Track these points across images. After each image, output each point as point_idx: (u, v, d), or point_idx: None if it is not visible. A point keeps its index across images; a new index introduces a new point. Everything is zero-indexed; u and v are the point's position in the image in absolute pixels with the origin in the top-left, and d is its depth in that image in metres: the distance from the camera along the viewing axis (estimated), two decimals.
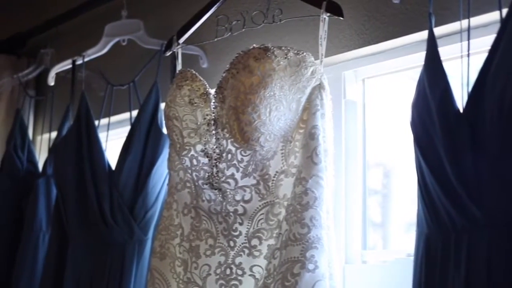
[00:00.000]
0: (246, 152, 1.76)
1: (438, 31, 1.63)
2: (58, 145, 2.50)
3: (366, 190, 1.98)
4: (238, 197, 1.79)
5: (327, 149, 1.72)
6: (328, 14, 1.76)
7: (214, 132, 1.82)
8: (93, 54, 2.56)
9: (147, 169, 2.24)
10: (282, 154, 1.75)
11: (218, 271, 1.81)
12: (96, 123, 2.45)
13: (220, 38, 1.99)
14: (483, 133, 1.40)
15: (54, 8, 3.02)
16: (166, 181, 2.26)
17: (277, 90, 1.69)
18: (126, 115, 2.60)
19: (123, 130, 2.69)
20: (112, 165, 2.37)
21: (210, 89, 1.88)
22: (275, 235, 1.75)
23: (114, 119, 2.62)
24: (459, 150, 1.42)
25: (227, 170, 1.79)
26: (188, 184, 1.90)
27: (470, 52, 1.57)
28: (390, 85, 2.06)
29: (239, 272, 1.78)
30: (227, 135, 1.78)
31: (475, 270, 1.40)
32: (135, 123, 2.30)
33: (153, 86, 2.32)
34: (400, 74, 2.02)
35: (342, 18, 1.76)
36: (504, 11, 1.48)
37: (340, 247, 1.90)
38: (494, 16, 1.63)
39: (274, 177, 1.75)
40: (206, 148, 1.83)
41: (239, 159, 1.77)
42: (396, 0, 1.82)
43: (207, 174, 1.83)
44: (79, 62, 2.56)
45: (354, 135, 1.99)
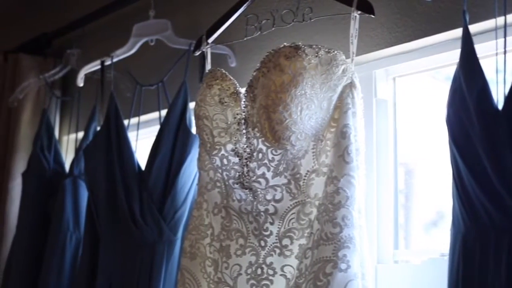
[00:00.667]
0: (277, 151, 1.75)
1: (471, 29, 1.60)
2: (88, 146, 2.51)
3: (398, 190, 1.97)
4: (269, 196, 1.78)
5: (359, 148, 1.71)
6: (359, 12, 1.75)
7: (245, 131, 1.81)
8: (121, 54, 2.56)
9: (176, 169, 2.24)
10: (313, 153, 1.74)
11: (249, 271, 1.80)
12: (125, 123, 2.45)
13: (249, 38, 1.98)
14: None
15: (79, 8, 3.03)
16: (195, 180, 2.26)
17: (308, 88, 1.68)
18: (155, 115, 2.61)
19: (152, 129, 2.70)
20: (141, 165, 2.37)
21: (240, 88, 1.87)
22: (306, 234, 1.74)
23: (143, 118, 2.62)
24: (499, 148, 1.40)
25: (258, 169, 1.79)
26: (218, 184, 1.89)
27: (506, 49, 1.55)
28: (421, 83, 2.04)
29: (270, 272, 1.78)
30: (258, 134, 1.77)
31: None
32: (164, 123, 2.30)
33: (181, 85, 2.32)
34: (431, 73, 2.00)
35: (373, 16, 1.75)
36: None
37: (372, 246, 1.88)
38: None
39: (305, 176, 1.75)
40: (236, 148, 1.83)
41: (270, 158, 1.76)
42: None
43: (237, 174, 1.83)
44: (108, 62, 2.55)
45: (385, 134, 1.98)
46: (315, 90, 1.69)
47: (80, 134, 2.89)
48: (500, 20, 1.57)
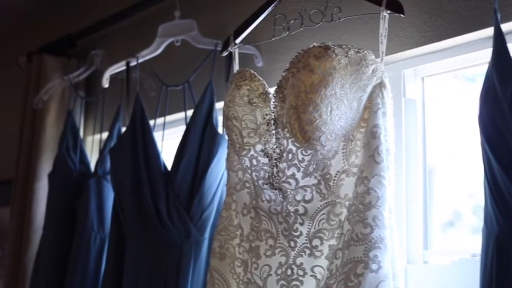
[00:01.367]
0: (307, 152, 1.75)
1: (502, 28, 1.59)
2: (114, 146, 2.51)
3: (427, 190, 1.96)
4: (299, 197, 1.78)
5: (389, 148, 1.70)
6: (389, 12, 1.75)
7: (274, 131, 1.81)
8: (147, 55, 2.55)
9: (203, 169, 2.24)
10: (343, 153, 1.73)
11: (279, 272, 1.80)
12: (151, 123, 2.45)
13: (277, 38, 1.98)
14: None
15: (104, 9, 3.04)
16: (222, 180, 2.26)
17: (338, 88, 1.67)
18: (180, 115, 2.61)
19: (178, 130, 2.70)
20: (167, 165, 2.37)
21: (269, 88, 1.87)
22: (337, 235, 1.74)
23: (168, 118, 2.62)
24: None
25: (288, 170, 1.78)
26: (247, 185, 1.90)
27: None
28: (450, 83, 2.03)
29: (300, 272, 1.77)
30: (288, 134, 1.77)
31: None
32: (190, 123, 2.29)
33: (207, 85, 2.31)
34: (454, 73, 1.99)
35: (403, 16, 1.74)
36: None
37: (401, 247, 1.88)
38: None
39: (335, 176, 1.74)
40: (266, 148, 1.83)
41: (300, 159, 1.76)
42: None
43: (267, 174, 1.83)
44: (133, 63, 2.56)
45: (414, 134, 1.97)
46: (345, 90, 1.68)
47: (105, 135, 2.90)
48: None
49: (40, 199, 3.07)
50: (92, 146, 3.09)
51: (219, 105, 2.33)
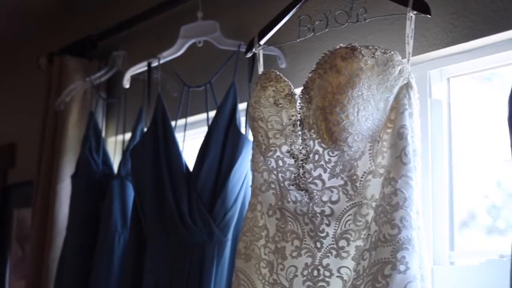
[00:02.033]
0: (333, 153, 1.75)
1: None
2: (135, 147, 2.51)
3: (453, 191, 1.95)
4: (325, 198, 1.78)
5: (416, 149, 1.70)
6: (415, 12, 1.74)
7: (300, 132, 1.81)
8: (168, 56, 2.55)
9: (226, 170, 2.24)
10: (370, 154, 1.73)
11: (305, 273, 1.81)
12: (172, 124, 2.45)
13: (302, 39, 1.98)
14: None
15: (125, 10, 3.05)
16: (245, 182, 2.26)
17: (365, 89, 1.67)
18: (202, 116, 2.61)
19: (199, 131, 2.70)
20: (189, 166, 2.37)
21: (295, 89, 1.87)
22: (363, 236, 1.74)
23: (190, 120, 2.62)
24: None
25: (314, 171, 1.78)
26: (272, 186, 1.90)
27: None
28: (475, 84, 2.03)
29: (327, 273, 1.78)
30: (314, 135, 1.77)
31: None
32: (213, 124, 2.29)
33: (230, 86, 2.31)
34: (487, 73, 1.99)
35: (429, 16, 1.74)
36: None
37: (428, 248, 1.87)
38: None
39: (362, 177, 1.74)
40: (292, 149, 1.83)
41: (327, 160, 1.76)
42: None
43: (293, 175, 1.83)
44: (155, 64, 2.56)
45: (440, 134, 1.96)
46: (371, 91, 1.68)
47: (127, 136, 2.90)
48: None
49: (62, 200, 3.08)
50: (115, 147, 3.09)
51: (241, 106, 2.34)
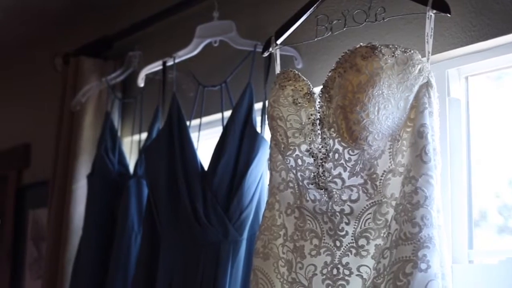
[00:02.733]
0: (354, 152, 1.76)
1: None
2: (150, 146, 2.51)
3: (471, 189, 1.95)
4: (345, 196, 1.79)
5: (436, 147, 1.70)
6: (435, 11, 1.74)
7: (320, 131, 1.81)
8: (184, 55, 2.56)
9: (243, 169, 2.24)
10: (389, 153, 1.74)
11: (325, 271, 1.81)
12: (187, 123, 2.46)
13: (320, 38, 1.98)
14: None
15: (141, 11, 3.05)
16: (261, 181, 2.26)
17: (385, 88, 1.68)
18: (216, 116, 2.61)
19: (214, 131, 2.70)
20: (204, 165, 2.38)
21: (313, 88, 1.87)
22: (383, 234, 1.74)
23: (205, 120, 2.63)
24: None
25: (334, 169, 1.79)
26: (291, 184, 1.90)
27: None
28: (494, 83, 2.03)
29: (346, 272, 1.78)
30: (334, 134, 1.77)
31: None
32: (229, 123, 2.29)
33: (247, 86, 2.31)
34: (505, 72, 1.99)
35: (449, 15, 1.74)
36: None
37: (448, 246, 1.87)
38: None
39: (382, 176, 1.75)
40: (311, 148, 1.83)
41: (347, 159, 1.77)
42: None
43: (312, 174, 1.83)
44: (170, 63, 2.57)
45: (459, 133, 1.96)
46: (392, 90, 1.68)
47: (143, 136, 2.90)
48: None
49: (78, 200, 3.09)
50: (131, 147, 3.10)
51: (257, 106, 2.34)
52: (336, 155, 1.78)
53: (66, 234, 3.09)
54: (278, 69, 2.06)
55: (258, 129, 2.29)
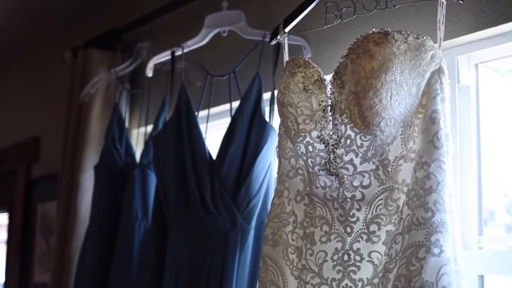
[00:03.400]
0: (366, 137, 1.76)
1: None
2: (158, 135, 2.51)
3: (481, 176, 1.95)
4: (356, 182, 1.79)
5: (448, 133, 1.71)
6: None
7: (331, 118, 1.81)
8: (192, 45, 2.56)
9: (251, 158, 2.24)
10: (401, 139, 1.74)
11: (335, 257, 1.81)
12: (195, 113, 2.46)
13: (329, 26, 1.98)
14: None
15: (150, 2, 3.05)
16: (269, 170, 2.26)
17: (397, 74, 1.68)
18: (225, 107, 2.62)
19: (222, 122, 2.71)
20: (212, 155, 2.38)
21: (324, 75, 1.87)
22: (394, 220, 1.74)
23: (213, 111, 2.63)
24: None
25: (346, 155, 1.79)
26: (300, 172, 1.91)
27: None
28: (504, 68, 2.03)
29: (357, 258, 1.78)
30: (346, 120, 1.77)
31: None
32: (238, 112, 2.30)
33: (255, 76, 2.31)
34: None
35: (461, 2, 1.74)
36: None
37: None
38: None
39: (394, 162, 1.75)
40: (322, 134, 1.83)
41: (359, 144, 1.77)
42: None
43: (323, 160, 1.83)
44: (178, 53, 2.57)
45: (468, 120, 1.96)
46: (404, 76, 1.68)
47: (149, 128, 2.91)
48: None
49: (84, 191, 3.11)
50: (137, 140, 3.11)
51: (265, 96, 2.34)
52: (348, 141, 1.78)
53: (72, 224, 3.10)
54: (286, 58, 2.05)
55: (267, 118, 2.29)
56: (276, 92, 1.96)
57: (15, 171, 4.34)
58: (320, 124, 1.84)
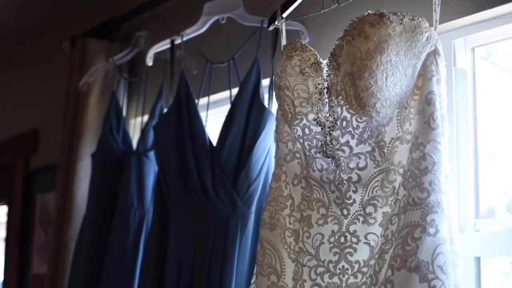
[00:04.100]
0: (362, 119, 1.76)
1: None
2: (158, 123, 2.53)
3: (478, 160, 1.96)
4: (353, 164, 1.79)
5: (444, 114, 1.71)
6: None
7: (327, 100, 1.82)
8: (192, 33, 2.57)
9: (250, 143, 2.25)
10: (397, 120, 1.74)
11: (332, 240, 1.82)
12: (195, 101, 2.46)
13: (326, 10, 1.98)
14: None
15: None
16: (269, 155, 2.27)
17: (393, 55, 1.68)
18: (225, 94, 2.62)
19: (222, 110, 2.71)
20: (212, 142, 2.38)
21: (321, 58, 1.88)
22: (390, 202, 1.75)
23: (213, 98, 2.63)
24: None
25: (342, 137, 1.80)
26: (297, 155, 1.91)
27: None
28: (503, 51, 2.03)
29: (354, 240, 1.79)
30: (342, 102, 1.78)
31: None
32: (237, 98, 2.30)
33: (254, 62, 2.32)
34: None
35: None
36: None
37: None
38: None
39: (390, 143, 1.75)
40: (318, 117, 1.84)
41: (355, 126, 1.77)
42: None
43: (320, 143, 1.84)
44: (178, 41, 2.57)
45: (465, 103, 1.97)
46: (400, 57, 1.69)
47: (147, 117, 2.91)
48: None
49: (81, 179, 3.12)
50: (134, 129, 3.11)
51: (264, 82, 2.34)
52: (344, 123, 1.79)
53: (69, 212, 3.11)
54: (284, 42, 2.06)
55: (266, 104, 2.29)
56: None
57: (14, 163, 4.34)
58: (317, 107, 1.84)
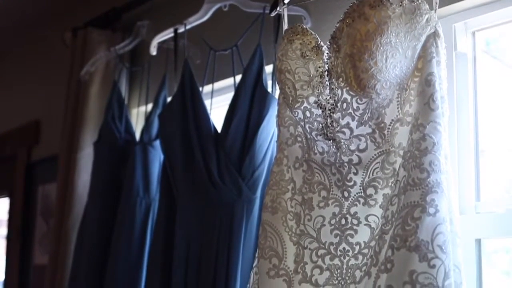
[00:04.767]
0: (362, 100, 1.77)
1: None
2: (163, 111, 2.54)
3: (478, 144, 1.96)
4: (353, 146, 1.80)
5: (444, 95, 1.72)
6: None
7: (328, 82, 1.83)
8: (194, 21, 2.57)
9: (254, 128, 2.26)
10: (397, 102, 1.75)
11: (333, 222, 1.83)
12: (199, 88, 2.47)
13: None
14: None
15: None
16: (272, 140, 2.28)
17: (393, 37, 1.69)
18: (228, 82, 2.63)
19: (226, 97, 2.72)
20: (217, 128, 2.39)
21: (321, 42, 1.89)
22: (391, 184, 1.76)
23: (216, 86, 2.64)
24: None
25: (342, 119, 1.80)
26: (299, 139, 1.92)
27: None
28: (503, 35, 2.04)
29: (355, 221, 1.80)
30: (342, 84, 1.79)
31: None
32: (240, 85, 2.31)
33: (256, 48, 2.33)
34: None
35: None
36: None
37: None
38: None
39: (390, 125, 1.76)
40: (319, 100, 1.85)
41: (355, 107, 1.78)
42: None
43: (321, 125, 1.85)
44: (181, 30, 2.58)
45: (465, 87, 1.97)
46: (399, 39, 1.70)
47: (149, 107, 2.91)
48: None
49: (82, 168, 3.13)
50: (137, 118, 3.12)
51: (267, 68, 2.35)
52: (344, 105, 1.80)
53: (70, 201, 3.12)
54: (285, 28, 2.06)
55: (269, 90, 2.30)
56: None
57: (15, 154, 4.35)
58: (318, 90, 1.85)
